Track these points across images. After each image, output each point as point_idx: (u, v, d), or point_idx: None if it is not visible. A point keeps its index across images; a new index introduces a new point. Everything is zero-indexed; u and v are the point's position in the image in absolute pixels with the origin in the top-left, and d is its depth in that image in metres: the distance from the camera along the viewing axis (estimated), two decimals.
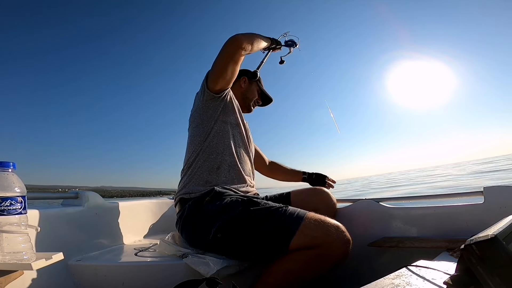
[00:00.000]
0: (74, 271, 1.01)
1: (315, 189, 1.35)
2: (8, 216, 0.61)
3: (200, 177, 1.13)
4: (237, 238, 0.97)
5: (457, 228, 1.05)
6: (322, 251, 0.87)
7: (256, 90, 1.43)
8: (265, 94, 1.47)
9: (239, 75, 1.35)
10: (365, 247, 1.17)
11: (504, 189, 1.05)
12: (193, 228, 1.06)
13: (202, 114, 1.19)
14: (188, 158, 1.19)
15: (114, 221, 1.33)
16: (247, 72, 1.43)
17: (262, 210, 0.98)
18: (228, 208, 1.01)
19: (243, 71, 1.42)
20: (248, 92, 1.41)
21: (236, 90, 1.37)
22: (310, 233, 0.89)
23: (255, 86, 1.43)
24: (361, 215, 1.32)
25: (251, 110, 1.43)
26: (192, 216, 1.07)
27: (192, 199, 1.09)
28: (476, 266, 0.38)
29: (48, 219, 1.02)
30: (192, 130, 1.22)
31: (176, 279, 0.77)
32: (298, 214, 0.93)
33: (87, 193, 1.24)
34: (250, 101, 1.41)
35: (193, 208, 1.07)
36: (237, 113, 1.27)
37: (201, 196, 1.08)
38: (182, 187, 1.15)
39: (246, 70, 1.43)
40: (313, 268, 0.89)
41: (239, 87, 1.39)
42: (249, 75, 1.43)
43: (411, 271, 0.52)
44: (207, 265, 0.90)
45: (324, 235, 0.88)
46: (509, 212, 0.72)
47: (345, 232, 0.91)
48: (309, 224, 0.90)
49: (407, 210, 1.24)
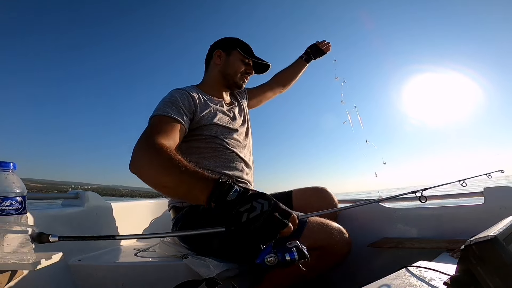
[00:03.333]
0: (74, 271, 1.01)
1: (317, 189, 1.30)
2: (8, 216, 0.61)
3: None
4: (241, 244, 0.94)
5: (457, 229, 1.05)
6: (325, 252, 0.88)
7: (239, 60, 1.15)
8: (257, 61, 1.18)
9: (212, 49, 1.19)
10: (365, 248, 1.17)
11: (504, 190, 1.05)
12: (190, 237, 1.02)
13: None
14: None
15: (114, 221, 1.33)
16: (221, 42, 1.18)
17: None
18: None
19: (217, 42, 1.18)
20: (228, 67, 1.15)
21: (212, 70, 1.18)
22: (313, 236, 0.89)
23: (237, 55, 1.15)
24: (362, 216, 1.32)
25: (241, 85, 1.18)
26: (188, 225, 1.01)
27: (186, 207, 1.04)
28: (476, 267, 0.38)
29: (48, 219, 1.03)
30: None
31: (176, 279, 0.77)
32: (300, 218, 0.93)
33: (87, 193, 1.23)
34: (234, 77, 1.15)
35: (188, 216, 1.02)
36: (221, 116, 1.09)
37: (194, 205, 1.01)
38: None
39: (220, 40, 1.19)
40: (316, 267, 0.90)
41: (215, 65, 1.17)
42: (224, 46, 1.17)
43: (411, 272, 0.52)
44: (207, 267, 0.90)
45: (327, 238, 0.89)
46: (509, 213, 0.72)
47: (346, 234, 0.92)
48: (312, 228, 0.90)
49: (407, 211, 1.24)
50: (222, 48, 1.17)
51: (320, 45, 1.50)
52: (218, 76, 1.17)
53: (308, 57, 1.51)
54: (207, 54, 1.24)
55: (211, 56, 1.21)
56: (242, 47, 1.16)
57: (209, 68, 1.21)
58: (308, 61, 1.52)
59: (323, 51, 1.50)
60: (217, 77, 1.17)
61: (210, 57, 1.21)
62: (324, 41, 1.51)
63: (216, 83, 1.19)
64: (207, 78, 1.22)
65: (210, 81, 1.19)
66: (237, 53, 1.15)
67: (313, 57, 1.51)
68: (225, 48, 1.16)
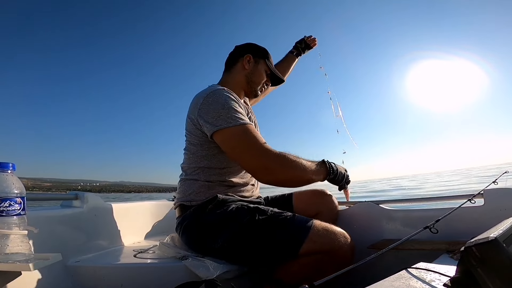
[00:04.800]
0: (73, 272, 1.00)
1: (317, 191, 1.30)
2: (7, 217, 0.61)
3: (199, 185, 1.05)
4: (246, 247, 0.95)
5: (457, 230, 1.05)
6: (329, 256, 0.89)
7: (264, 71, 1.17)
8: (275, 74, 1.20)
9: (242, 52, 1.16)
10: (365, 249, 1.17)
11: (504, 191, 1.05)
12: (195, 236, 1.03)
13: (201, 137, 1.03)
14: (188, 164, 1.10)
15: (113, 222, 1.33)
16: (252, 48, 1.17)
17: (270, 218, 0.95)
18: (235, 216, 0.97)
19: (247, 46, 1.18)
20: (254, 74, 1.15)
21: (237, 72, 1.16)
22: (319, 240, 0.90)
23: (263, 66, 1.16)
24: (361, 217, 1.31)
25: (258, 95, 1.20)
26: (194, 224, 1.02)
27: (194, 206, 1.04)
28: (476, 268, 0.38)
29: (47, 220, 1.02)
30: (190, 140, 1.08)
31: (175, 281, 0.77)
32: (306, 223, 0.93)
33: (86, 194, 1.23)
34: (257, 86, 1.17)
35: (195, 215, 1.02)
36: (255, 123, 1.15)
37: (203, 204, 1.02)
38: (182, 194, 1.08)
39: (250, 44, 1.18)
40: (320, 272, 0.91)
41: (242, 69, 1.15)
42: (255, 52, 1.16)
43: (411, 273, 0.51)
44: (207, 268, 0.89)
45: (332, 242, 0.90)
46: (509, 214, 0.72)
47: (350, 239, 0.93)
48: (318, 232, 0.91)
49: (407, 212, 1.24)
50: (253, 54, 1.16)
51: (308, 40, 1.55)
52: (243, 80, 1.16)
53: (298, 52, 1.55)
54: (233, 54, 1.20)
55: (237, 57, 1.17)
56: (269, 59, 1.19)
57: (234, 69, 1.17)
58: (298, 56, 1.56)
59: (310, 46, 1.56)
60: (242, 81, 1.16)
61: (237, 58, 1.17)
62: (311, 36, 1.56)
63: (238, 87, 1.16)
64: (230, 79, 1.17)
65: (233, 83, 1.15)
66: (264, 63, 1.17)
67: (303, 51, 1.56)
68: (255, 55, 1.16)
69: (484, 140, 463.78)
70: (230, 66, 1.19)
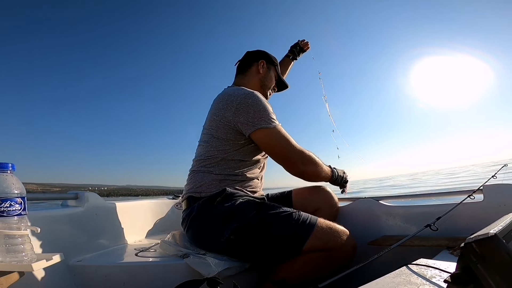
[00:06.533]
0: (75, 272, 1.01)
1: (317, 188, 1.31)
2: (7, 217, 0.61)
3: (212, 178, 1.08)
4: (252, 241, 0.98)
5: (457, 227, 1.05)
6: (332, 254, 0.93)
7: (274, 76, 1.29)
8: (282, 80, 1.33)
9: (257, 57, 1.27)
10: (365, 246, 1.17)
11: (503, 187, 1.05)
12: (202, 228, 1.05)
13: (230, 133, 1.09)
14: (204, 157, 1.12)
15: (114, 221, 1.33)
16: (265, 55, 1.28)
17: (276, 214, 0.99)
18: (242, 210, 1.00)
19: (260, 53, 1.28)
20: (267, 79, 1.27)
21: (252, 76, 1.25)
22: (322, 237, 0.94)
23: (273, 71, 1.29)
24: (361, 214, 1.32)
25: (267, 98, 1.29)
26: (202, 216, 1.04)
27: (203, 198, 1.06)
28: (476, 264, 0.38)
29: (48, 220, 1.02)
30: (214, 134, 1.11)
31: (177, 279, 0.77)
32: (310, 220, 0.97)
33: (86, 193, 1.23)
34: (268, 89, 1.28)
35: (203, 207, 1.04)
36: None
37: (212, 196, 1.04)
38: (192, 185, 1.10)
39: (263, 52, 1.29)
40: (322, 269, 0.93)
41: (257, 73, 1.26)
42: (267, 59, 1.28)
43: (412, 270, 0.52)
44: (209, 266, 0.90)
45: (334, 240, 0.94)
46: (509, 210, 0.72)
47: (352, 238, 0.98)
48: (321, 229, 0.95)
49: (407, 209, 1.25)
50: (266, 60, 1.27)
51: (301, 43, 1.61)
52: (257, 83, 1.25)
53: (294, 56, 1.61)
54: (247, 59, 1.28)
55: (252, 62, 1.26)
56: (278, 66, 1.31)
57: (249, 73, 1.26)
58: (294, 60, 1.62)
59: (304, 49, 1.61)
60: (256, 84, 1.25)
61: (251, 63, 1.26)
62: (304, 40, 1.62)
63: (254, 89, 1.19)
64: (246, 82, 1.24)
65: (250, 86, 1.20)
66: (274, 69, 1.30)
67: (298, 55, 1.61)
68: (268, 61, 1.28)
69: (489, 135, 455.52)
70: (245, 69, 1.28)
